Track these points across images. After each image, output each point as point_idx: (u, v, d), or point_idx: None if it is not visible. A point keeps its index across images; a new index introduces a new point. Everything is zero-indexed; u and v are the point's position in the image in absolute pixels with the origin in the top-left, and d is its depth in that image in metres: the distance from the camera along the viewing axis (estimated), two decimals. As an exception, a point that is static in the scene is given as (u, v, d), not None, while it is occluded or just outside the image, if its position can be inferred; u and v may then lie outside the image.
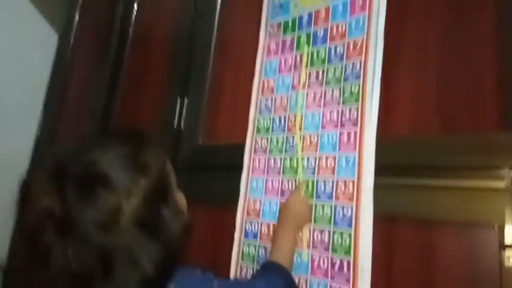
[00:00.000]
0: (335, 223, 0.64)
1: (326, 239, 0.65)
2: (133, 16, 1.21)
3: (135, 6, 1.21)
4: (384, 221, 0.61)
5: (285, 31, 0.82)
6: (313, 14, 0.78)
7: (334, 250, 0.64)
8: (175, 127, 0.96)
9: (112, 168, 0.48)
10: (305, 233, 0.67)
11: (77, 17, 1.42)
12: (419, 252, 0.59)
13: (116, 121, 1.14)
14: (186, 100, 0.97)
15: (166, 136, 0.98)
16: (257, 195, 0.77)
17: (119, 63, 1.19)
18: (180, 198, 0.56)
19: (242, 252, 0.75)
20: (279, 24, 0.83)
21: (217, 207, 0.82)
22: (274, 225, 0.73)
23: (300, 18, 0.80)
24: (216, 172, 0.82)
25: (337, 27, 0.73)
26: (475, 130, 0.59)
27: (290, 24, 0.81)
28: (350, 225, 0.63)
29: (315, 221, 0.67)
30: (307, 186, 0.70)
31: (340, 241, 0.63)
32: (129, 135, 0.55)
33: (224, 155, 0.84)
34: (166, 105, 1.00)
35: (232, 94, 0.89)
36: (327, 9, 0.76)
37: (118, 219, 0.45)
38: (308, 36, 0.77)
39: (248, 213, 0.77)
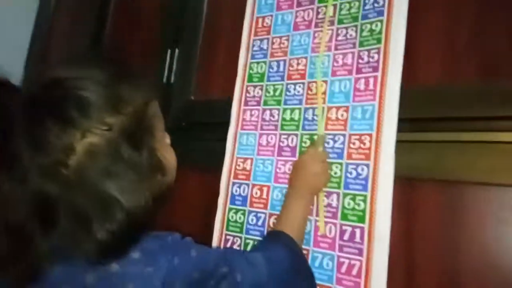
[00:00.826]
0: (346, 185, 0.54)
1: (335, 204, 0.54)
2: None
3: None
4: (405, 182, 0.52)
5: (286, -38, 0.69)
6: None
7: (344, 217, 0.53)
8: (164, 80, 0.81)
9: (75, 92, 0.37)
10: (321, 199, 0.56)
11: None
12: (443, 216, 0.50)
13: None
14: (177, 51, 0.82)
15: (156, 90, 0.82)
16: (248, 153, 0.65)
17: (105, 13, 1.01)
18: (166, 153, 0.45)
19: (228, 219, 0.63)
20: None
21: (210, 168, 0.68)
22: (268, 188, 0.61)
23: None
24: (209, 130, 0.69)
25: (355, -46, 0.61)
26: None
27: (293, -48, 0.68)
28: (365, 187, 0.52)
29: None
30: (311, 142, 0.59)
31: (352, 205, 0.53)
32: (111, 62, 0.45)
33: (219, 111, 0.70)
34: (155, 56, 0.85)
35: (228, 44, 0.75)
36: None
37: (66, 162, 0.35)
38: (316, -34, 0.65)
39: (236, 175, 0.65)
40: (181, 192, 0.74)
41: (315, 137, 0.58)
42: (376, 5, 0.57)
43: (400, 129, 0.53)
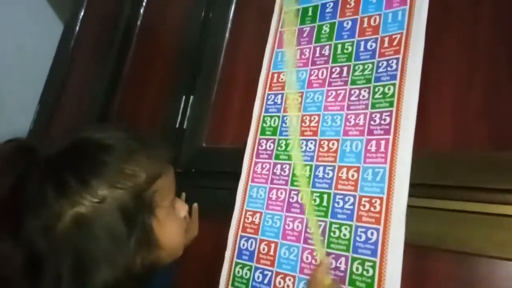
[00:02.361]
0: (355, 249, 0.53)
1: (343, 268, 0.53)
2: (142, 8, 1.08)
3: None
4: (415, 250, 0.51)
5: (303, 20, 0.71)
6: (340, 2, 0.67)
7: (352, 283, 0.52)
8: (177, 125, 0.84)
9: (87, 163, 0.41)
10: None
11: (84, 7, 1.28)
12: (457, 290, 0.48)
13: (116, 114, 1.01)
14: (192, 98, 0.84)
15: (168, 136, 0.84)
16: (257, 206, 0.64)
17: (123, 57, 1.05)
18: (168, 229, 0.44)
19: (234, 275, 0.62)
20: (297, 11, 0.73)
21: (219, 218, 0.68)
22: (275, 245, 0.60)
23: (324, 6, 0.69)
24: (219, 178, 0.69)
25: (369, 19, 0.63)
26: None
27: (310, 11, 0.71)
28: (374, 252, 0.51)
29: (328, 244, 0.55)
30: (321, 200, 0.58)
31: (360, 271, 0.52)
32: (129, 136, 0.45)
33: (230, 160, 0.71)
34: (170, 102, 0.87)
35: (243, 93, 0.77)
36: (357, -1, 0.66)
37: (54, 227, 0.37)
38: (332, 27, 0.67)
39: (244, 228, 0.64)
40: None
41: (318, 200, 0.58)
42: (389, 68, 0.58)
43: (411, 194, 0.52)
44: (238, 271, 0.62)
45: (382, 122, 0.56)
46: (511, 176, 0.48)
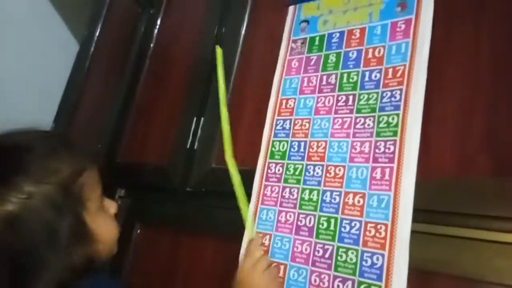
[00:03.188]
0: (361, 273, 0.55)
1: (349, 291, 0.56)
2: (155, 31, 1.12)
3: (158, 21, 1.12)
4: (419, 275, 0.53)
5: (310, 49, 0.75)
6: (346, 33, 0.71)
7: (358, 305, 0.54)
8: (188, 147, 0.87)
9: (11, 165, 0.41)
10: None
11: (99, 28, 1.33)
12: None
13: (128, 135, 1.04)
14: (202, 120, 0.88)
15: (178, 157, 0.88)
16: (267, 228, 0.67)
17: (136, 78, 1.10)
18: (102, 223, 0.46)
19: (245, 295, 0.65)
20: (304, 40, 0.76)
21: (227, 239, 0.71)
22: (284, 267, 0.63)
23: (330, 35, 0.73)
24: (228, 199, 0.72)
25: (374, 50, 0.66)
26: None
27: (317, 41, 0.74)
28: (380, 277, 0.54)
29: (336, 268, 0.58)
30: (328, 224, 0.61)
31: (366, 295, 0.54)
32: (52, 136, 0.49)
33: None
34: (181, 123, 0.91)
35: (252, 116, 0.80)
36: (362, 30, 0.69)
37: None
38: (338, 56, 0.70)
39: (254, 249, 0.67)
40: (196, 260, 0.76)
41: (325, 224, 0.61)
42: (393, 99, 0.61)
43: (415, 220, 0.55)
44: (249, 292, 0.64)
45: (387, 150, 0.59)
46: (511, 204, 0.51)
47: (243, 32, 0.90)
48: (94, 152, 0.50)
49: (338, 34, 0.72)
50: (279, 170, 0.70)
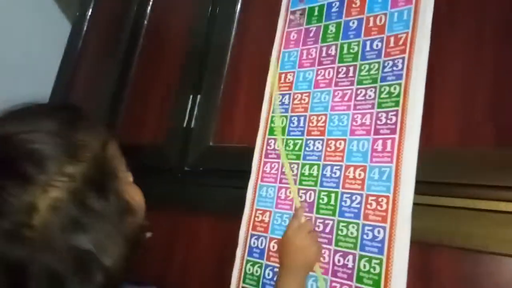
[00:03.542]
0: (362, 246, 0.54)
1: (350, 265, 0.55)
2: (148, 8, 1.09)
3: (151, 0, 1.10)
4: (421, 247, 0.52)
5: (309, 20, 0.72)
6: (346, 1, 0.68)
7: (359, 280, 0.53)
8: (184, 125, 0.85)
9: (27, 147, 0.35)
10: (319, 272, 0.57)
11: (91, 8, 1.30)
12: (459, 284, 0.49)
13: (123, 116, 1.03)
14: (199, 97, 0.86)
15: (175, 136, 0.86)
16: (267, 205, 0.66)
17: (130, 57, 1.07)
18: (132, 192, 0.43)
19: (245, 272, 0.64)
20: (303, 11, 0.73)
21: (226, 217, 0.70)
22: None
23: (329, 5, 0.70)
24: (227, 177, 0.71)
25: (375, 18, 0.63)
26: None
27: (316, 11, 0.71)
28: (381, 250, 0.52)
29: (336, 243, 0.57)
30: (328, 199, 0.59)
31: (367, 268, 0.53)
32: (60, 109, 0.42)
33: (237, 159, 0.73)
34: (177, 102, 0.89)
35: (249, 92, 0.78)
36: (362, -2, 0.66)
37: (29, 223, 0.33)
38: (338, 26, 0.68)
39: (254, 227, 0.66)
40: (194, 238, 0.76)
41: (325, 199, 0.59)
42: (395, 68, 0.59)
43: (417, 191, 0.53)
44: (249, 269, 0.64)
45: (388, 121, 0.57)
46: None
47: (238, 6, 0.87)
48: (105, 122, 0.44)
49: (338, 3, 0.69)
50: (278, 146, 0.68)
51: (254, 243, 0.65)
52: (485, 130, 0.53)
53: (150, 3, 1.09)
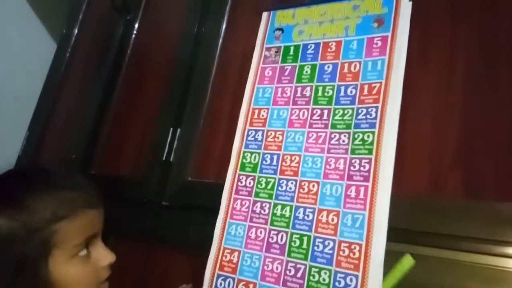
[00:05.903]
0: (334, 293, 0.54)
1: (322, 312, 0.54)
2: (133, 36, 1.06)
3: (136, 25, 1.06)
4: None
5: (284, 58, 0.73)
6: (321, 45, 0.70)
7: (331, 327, 0.53)
8: (164, 158, 0.82)
9: None
10: None
11: (76, 32, 1.24)
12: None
13: (103, 144, 0.98)
14: (178, 131, 0.83)
15: (154, 168, 0.83)
16: (236, 244, 0.64)
17: (113, 83, 1.03)
18: (68, 270, 0.45)
19: (211, 316, 0.61)
20: (278, 49, 0.74)
21: (202, 254, 0.67)
22: (253, 286, 0.60)
23: (305, 46, 0.71)
24: (203, 213, 0.68)
25: (350, 65, 0.66)
26: (504, 197, 0.53)
27: (292, 51, 0.72)
28: (353, 298, 0.53)
29: None
30: (301, 242, 0.59)
31: (339, 316, 0.53)
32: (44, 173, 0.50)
33: (213, 195, 0.70)
34: (158, 134, 0.86)
35: (229, 128, 0.76)
36: (338, 44, 0.68)
37: None
38: (313, 68, 0.69)
39: (221, 267, 0.64)
40: (167, 274, 0.72)
41: (298, 242, 0.59)
42: (368, 116, 0.61)
43: (390, 239, 0.55)
44: (216, 312, 0.61)
45: (362, 168, 0.59)
46: (482, 225, 0.52)
47: (220, 41, 0.86)
48: (98, 198, 0.50)
49: (313, 46, 0.70)
50: (250, 183, 0.67)
51: (220, 284, 0.63)
52: (454, 179, 0.56)
53: (134, 32, 1.06)
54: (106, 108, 1.02)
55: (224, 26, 0.87)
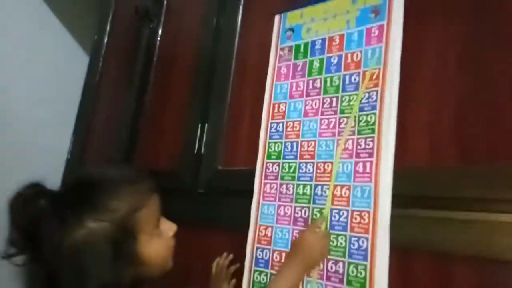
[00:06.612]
0: (350, 255, 0.64)
1: (341, 271, 0.64)
2: (157, 42, 1.21)
3: (159, 31, 1.22)
4: (399, 253, 0.61)
5: (296, 55, 0.82)
6: (327, 40, 0.78)
7: (349, 283, 0.63)
8: (195, 152, 0.97)
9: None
10: (314, 276, 0.66)
11: (106, 38, 1.43)
12: (437, 286, 0.59)
13: (141, 143, 1.15)
14: (206, 126, 0.97)
15: (188, 160, 0.98)
16: (269, 221, 0.76)
17: (144, 87, 1.19)
18: (153, 248, 0.55)
19: (253, 280, 0.74)
20: (291, 48, 0.83)
21: (237, 232, 0.81)
22: (286, 253, 0.72)
23: (313, 43, 0.80)
24: (235, 196, 0.81)
25: (352, 55, 0.73)
26: (494, 161, 0.59)
27: (302, 48, 0.81)
28: (365, 257, 0.62)
29: (328, 252, 0.66)
30: (321, 215, 0.69)
31: (355, 273, 0.63)
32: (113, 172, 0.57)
33: (243, 180, 0.83)
34: (188, 130, 1.01)
35: (251, 120, 0.88)
36: (341, 37, 0.76)
37: (62, 243, 0.48)
38: (321, 62, 0.77)
39: (259, 240, 0.76)
40: (209, 250, 0.86)
41: (318, 215, 0.69)
42: (370, 100, 0.68)
43: (396, 205, 0.63)
44: (257, 277, 0.74)
45: (367, 146, 0.67)
46: (476, 187, 0.58)
47: (236, 39, 0.97)
48: (154, 184, 0.58)
49: (320, 41, 0.79)
50: (275, 169, 0.78)
51: (259, 254, 0.75)
52: (451, 150, 0.62)
53: (158, 38, 1.21)
54: (140, 110, 1.18)
55: (238, 28, 0.98)
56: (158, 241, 0.57)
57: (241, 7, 1.00)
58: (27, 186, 0.52)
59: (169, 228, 0.60)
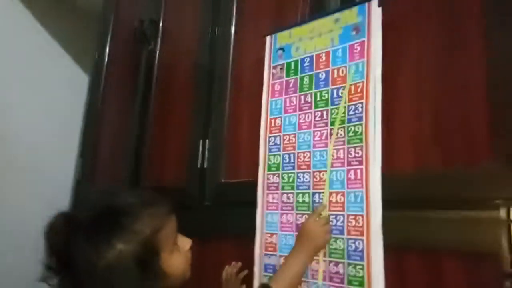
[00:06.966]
0: (348, 256, 0.70)
1: (341, 271, 0.70)
2: (156, 61, 1.28)
3: (157, 52, 1.29)
4: (394, 252, 0.67)
5: (288, 73, 0.88)
6: (314, 57, 0.84)
7: (349, 282, 0.69)
8: (199, 166, 1.03)
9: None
10: (321, 266, 0.72)
11: (106, 60, 1.50)
12: (428, 280, 0.64)
13: (146, 162, 1.22)
14: (207, 142, 1.04)
15: (192, 175, 1.05)
16: (273, 229, 0.82)
17: (146, 105, 1.26)
18: (174, 261, 0.62)
19: (262, 285, 0.80)
20: (282, 66, 0.89)
21: (244, 240, 0.87)
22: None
23: (302, 60, 0.86)
24: (240, 207, 0.88)
25: (338, 70, 0.79)
26: (471, 163, 0.64)
27: (292, 66, 0.87)
28: (362, 257, 0.68)
29: (330, 254, 0.72)
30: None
31: (354, 272, 0.68)
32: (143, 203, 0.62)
33: (245, 191, 0.89)
34: (190, 146, 1.08)
35: (249, 133, 0.95)
36: (327, 54, 0.82)
37: (94, 270, 0.55)
38: (311, 78, 0.83)
39: (266, 247, 0.82)
40: (219, 259, 0.92)
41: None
42: (356, 111, 0.74)
43: (387, 208, 0.68)
44: (265, 282, 0.80)
45: (356, 155, 0.72)
46: (457, 187, 0.64)
47: (231, 56, 1.04)
48: (170, 206, 0.65)
49: (308, 59, 0.85)
50: (276, 179, 0.84)
51: (267, 261, 0.81)
52: (433, 154, 0.67)
53: (157, 53, 1.28)
54: (143, 130, 1.24)
55: (232, 45, 1.05)
56: (177, 255, 0.63)
57: (232, 27, 1.06)
58: (57, 215, 0.58)
59: (186, 243, 0.66)
